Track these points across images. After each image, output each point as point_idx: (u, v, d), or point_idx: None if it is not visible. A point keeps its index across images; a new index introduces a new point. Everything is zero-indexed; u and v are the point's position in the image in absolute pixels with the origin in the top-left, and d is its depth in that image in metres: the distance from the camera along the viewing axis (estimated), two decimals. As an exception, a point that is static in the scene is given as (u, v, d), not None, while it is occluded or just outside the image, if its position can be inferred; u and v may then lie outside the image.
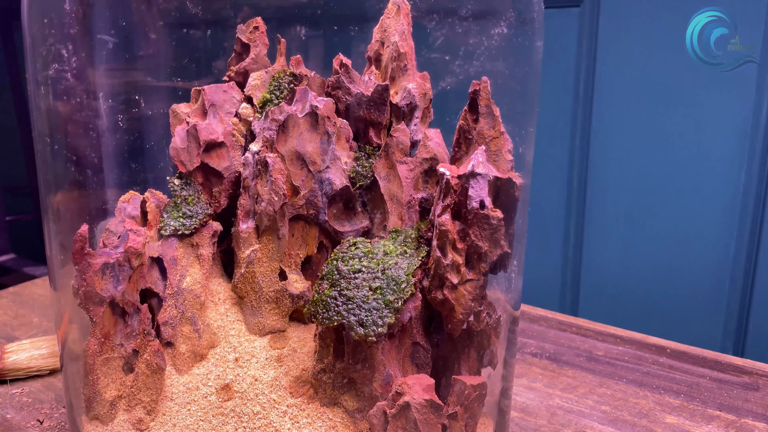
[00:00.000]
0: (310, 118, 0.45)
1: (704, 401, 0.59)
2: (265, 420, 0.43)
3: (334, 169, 0.45)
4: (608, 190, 0.87)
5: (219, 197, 0.48)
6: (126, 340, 0.45)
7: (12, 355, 0.62)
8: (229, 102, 0.48)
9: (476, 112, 0.42)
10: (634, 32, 0.80)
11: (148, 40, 0.51)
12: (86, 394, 0.45)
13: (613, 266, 0.89)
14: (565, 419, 0.57)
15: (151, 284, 0.46)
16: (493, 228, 0.40)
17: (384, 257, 0.42)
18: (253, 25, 0.49)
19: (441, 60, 0.50)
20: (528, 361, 0.67)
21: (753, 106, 0.75)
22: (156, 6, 0.51)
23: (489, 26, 0.47)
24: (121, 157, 0.50)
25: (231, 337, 0.46)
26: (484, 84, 0.41)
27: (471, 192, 0.40)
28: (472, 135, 0.42)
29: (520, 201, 0.42)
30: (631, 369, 0.65)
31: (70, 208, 0.48)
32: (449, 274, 0.40)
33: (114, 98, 0.49)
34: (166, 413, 0.44)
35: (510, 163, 0.41)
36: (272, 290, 0.46)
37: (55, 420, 0.56)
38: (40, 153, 0.46)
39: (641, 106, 0.82)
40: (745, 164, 0.76)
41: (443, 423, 0.40)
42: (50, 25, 0.44)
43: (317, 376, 0.43)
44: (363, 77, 0.47)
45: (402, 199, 0.45)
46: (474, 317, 0.43)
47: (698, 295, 0.83)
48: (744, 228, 0.78)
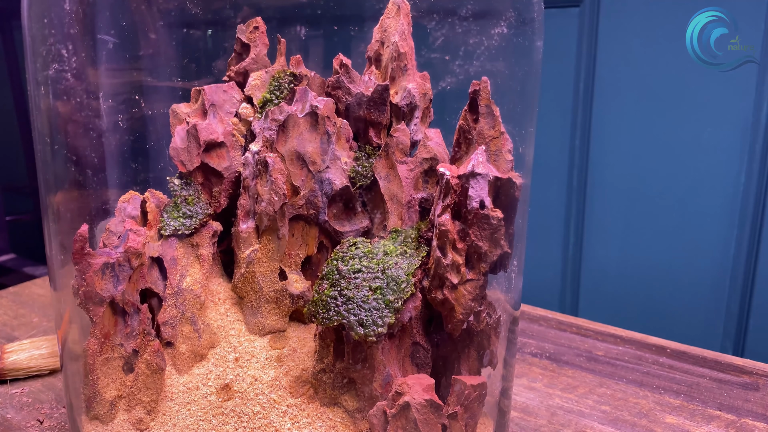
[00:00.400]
0: (310, 118, 0.45)
1: (704, 401, 0.59)
2: (265, 420, 0.43)
3: (334, 169, 0.45)
4: (608, 190, 0.87)
5: (219, 197, 0.48)
6: (126, 340, 0.45)
7: (12, 355, 0.62)
8: (229, 102, 0.48)
9: (476, 112, 0.42)
10: (634, 32, 0.80)
11: (148, 40, 0.51)
12: (86, 394, 0.45)
13: (613, 266, 0.89)
14: (565, 419, 0.57)
15: (151, 284, 0.46)
16: (493, 228, 0.40)
17: (384, 257, 0.42)
18: (253, 25, 0.49)
19: (441, 60, 0.50)
20: (528, 361, 0.67)
21: (753, 106, 0.75)
22: (156, 6, 0.51)
23: (489, 26, 0.47)
24: (121, 157, 0.50)
25: (231, 337, 0.46)
26: (484, 84, 0.41)
27: (471, 192, 0.40)
28: (472, 135, 0.42)
29: (520, 201, 0.42)
30: (631, 369, 0.65)
31: (70, 208, 0.48)
32: (449, 274, 0.40)
33: (114, 98, 0.49)
34: (166, 413, 0.44)
35: (510, 163, 0.41)
36: (272, 290, 0.46)
37: (55, 420, 0.56)
38: (40, 153, 0.46)
39: (641, 106, 0.82)
40: (745, 164, 0.76)
41: (443, 423, 0.40)
42: (50, 25, 0.44)
43: (317, 376, 0.43)
44: (363, 77, 0.47)
45: (402, 199, 0.45)
46: (474, 317, 0.43)
47: (698, 295, 0.83)
48: (744, 228, 0.78)
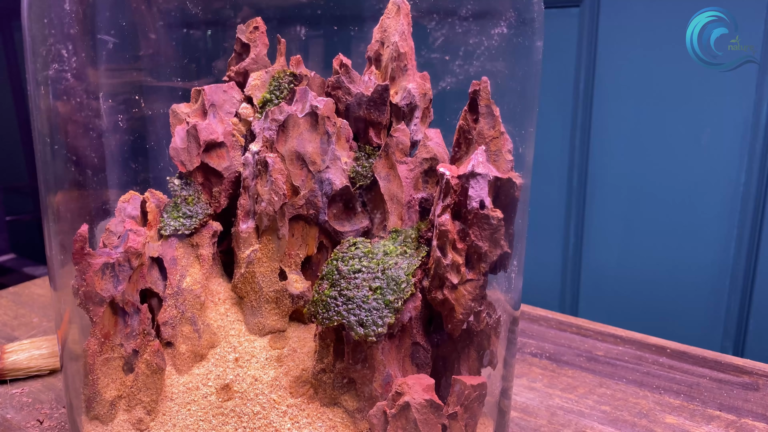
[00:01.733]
0: (310, 118, 0.45)
1: (704, 401, 0.59)
2: (265, 420, 0.43)
3: (334, 169, 0.45)
4: (608, 190, 0.87)
5: (219, 197, 0.48)
6: (126, 340, 0.45)
7: (12, 355, 0.62)
8: (229, 102, 0.48)
9: (476, 112, 0.42)
10: (634, 32, 0.80)
11: (148, 40, 0.51)
12: (86, 394, 0.45)
13: (613, 266, 0.89)
14: (565, 419, 0.57)
15: (151, 284, 0.46)
16: (493, 228, 0.40)
17: (384, 257, 0.42)
18: (253, 25, 0.49)
19: (441, 60, 0.50)
20: (528, 361, 0.67)
21: (753, 106, 0.75)
22: (156, 6, 0.51)
23: (489, 26, 0.47)
24: (121, 157, 0.50)
25: (231, 337, 0.46)
26: (484, 84, 0.41)
27: (471, 192, 0.40)
28: (472, 135, 0.42)
29: (520, 201, 0.42)
30: (631, 369, 0.65)
31: (70, 208, 0.48)
32: (449, 274, 0.40)
33: (114, 98, 0.49)
34: (166, 413, 0.44)
35: (510, 163, 0.41)
36: (272, 290, 0.46)
37: (55, 420, 0.56)
38: (40, 153, 0.46)
39: (641, 106, 0.82)
40: (745, 164, 0.76)
41: (443, 423, 0.40)
42: (50, 25, 0.44)
43: (317, 376, 0.43)
44: (363, 77, 0.47)
45: (402, 199, 0.45)
46: (474, 317, 0.43)
47: (698, 295, 0.83)
48: (744, 228, 0.78)
